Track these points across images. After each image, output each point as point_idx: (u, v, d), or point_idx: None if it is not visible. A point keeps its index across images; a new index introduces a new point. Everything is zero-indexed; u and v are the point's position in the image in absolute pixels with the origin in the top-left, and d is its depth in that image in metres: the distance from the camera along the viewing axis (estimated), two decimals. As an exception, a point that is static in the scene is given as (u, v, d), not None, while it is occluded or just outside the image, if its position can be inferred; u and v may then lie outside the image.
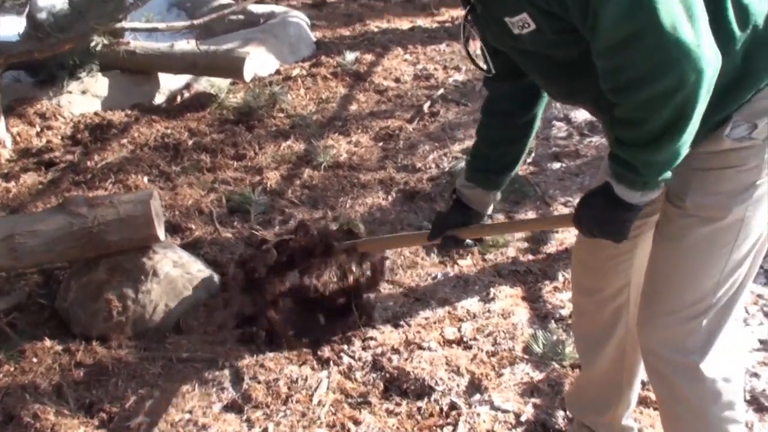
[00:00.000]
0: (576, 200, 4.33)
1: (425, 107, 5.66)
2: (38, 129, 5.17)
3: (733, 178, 1.88)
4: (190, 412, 2.86)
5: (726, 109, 1.82)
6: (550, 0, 1.68)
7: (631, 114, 1.71)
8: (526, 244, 3.98)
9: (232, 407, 2.90)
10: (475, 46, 2.11)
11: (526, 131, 2.32)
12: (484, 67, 2.15)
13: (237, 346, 3.23)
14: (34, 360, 3.11)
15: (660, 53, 1.58)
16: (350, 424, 2.78)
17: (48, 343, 3.20)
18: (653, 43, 1.57)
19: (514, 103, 2.25)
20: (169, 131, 5.18)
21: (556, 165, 4.86)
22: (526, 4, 1.73)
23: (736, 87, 1.80)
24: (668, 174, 1.80)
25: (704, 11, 1.62)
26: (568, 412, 2.79)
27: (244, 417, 2.84)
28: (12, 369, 3.06)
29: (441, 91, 5.97)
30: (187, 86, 6.14)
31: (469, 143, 5.06)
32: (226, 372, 3.07)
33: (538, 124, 2.34)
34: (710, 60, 1.60)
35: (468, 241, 2.53)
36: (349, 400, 2.92)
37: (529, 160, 4.86)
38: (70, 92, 5.54)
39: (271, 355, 3.14)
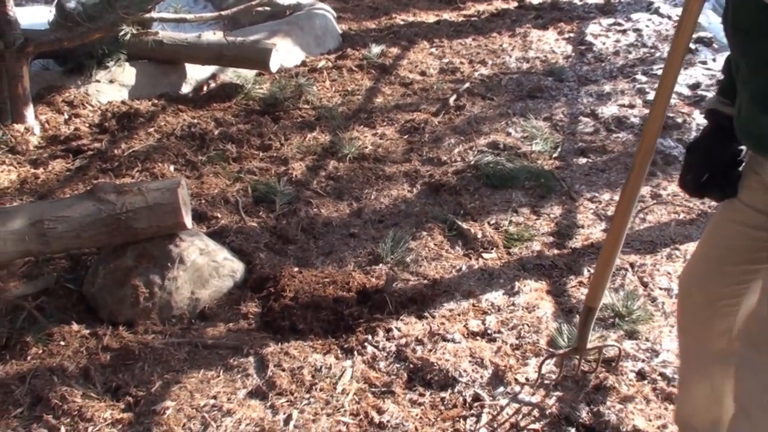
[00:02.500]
0: (603, 196, 4.35)
1: (451, 101, 5.66)
2: (66, 117, 5.23)
3: None
4: (215, 397, 2.89)
5: None
6: None
7: None
8: (551, 239, 3.98)
9: (256, 394, 2.92)
10: None
11: None
12: None
13: (261, 333, 3.26)
14: (62, 343, 3.16)
15: None
16: (374, 413, 2.80)
17: (75, 327, 3.25)
18: None
19: None
20: (195, 121, 5.21)
21: (582, 160, 4.85)
22: None
23: None
24: None
25: None
26: (590, 407, 2.79)
27: (269, 403, 2.86)
28: (40, 351, 3.11)
29: (467, 84, 5.97)
30: (214, 77, 6.18)
31: (494, 137, 5.06)
32: (251, 359, 3.09)
33: None
34: None
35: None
36: (373, 390, 2.94)
37: (555, 155, 4.86)
38: (98, 81, 5.59)
39: (295, 343, 3.17)
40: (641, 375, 3.00)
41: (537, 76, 6.20)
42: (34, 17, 6.13)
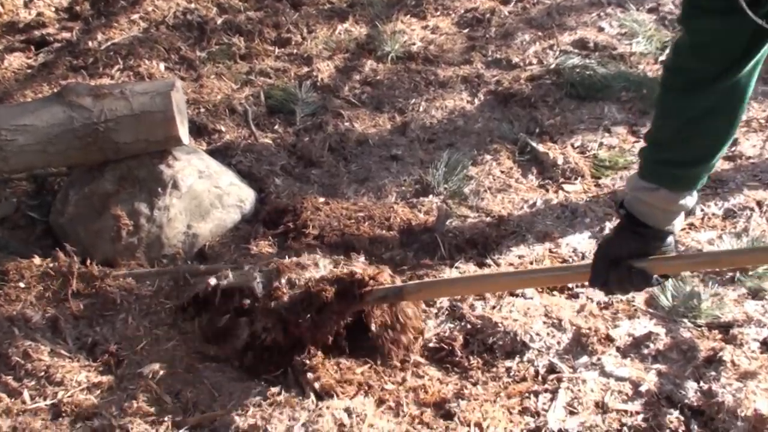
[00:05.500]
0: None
1: (526, -16, 5.57)
2: (27, -2, 5.24)
3: None
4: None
5: None
6: None
7: None
8: (654, 167, 3.93)
9: (269, 353, 2.95)
10: None
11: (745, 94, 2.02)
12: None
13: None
14: (22, 285, 3.18)
15: None
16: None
17: (38, 262, 3.27)
18: None
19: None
20: (192, 6, 5.18)
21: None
22: None
23: None
24: None
25: None
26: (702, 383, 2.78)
27: (286, 366, 2.89)
28: (-4, 296, 3.16)
29: (547, -37, 5.86)
30: (216, -53, 6.13)
31: (582, 33, 4.98)
32: (263, 310, 3.12)
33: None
34: None
35: (656, 277, 2.28)
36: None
37: (662, 58, 4.77)
38: (67, -50, 5.57)
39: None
40: (767, 345, 2.98)
41: (641, -47, 6.07)
42: None
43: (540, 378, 2.85)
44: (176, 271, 3.24)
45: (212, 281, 3.01)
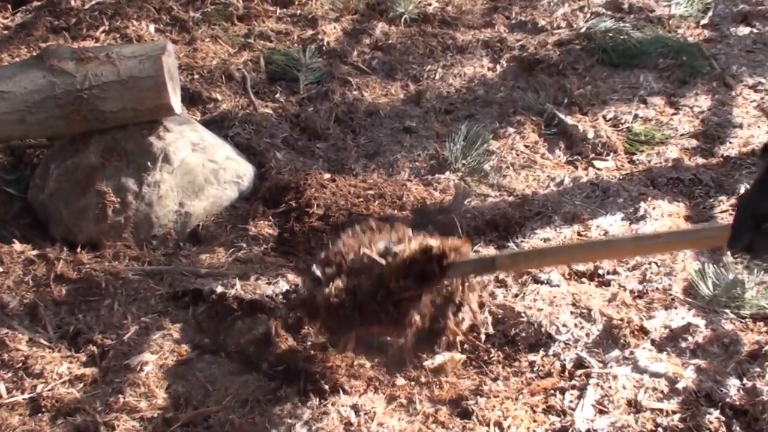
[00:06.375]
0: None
1: (554, -61, 5.54)
2: (4, -48, 5.23)
3: None
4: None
5: None
6: None
7: None
8: (693, 142, 3.91)
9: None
10: None
11: None
12: None
13: (275, 260, 3.28)
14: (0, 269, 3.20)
15: None
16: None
17: (18, 246, 3.28)
18: None
19: None
20: (185, -40, 5.19)
21: (744, 30, 4.74)
22: None
23: None
24: None
25: None
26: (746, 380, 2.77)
27: (284, 357, 2.89)
28: (-30, 280, 3.16)
29: None
30: None
31: (617, -7, 4.96)
32: (263, 297, 3.12)
33: None
34: None
35: None
36: (435, 347, 2.96)
37: (704, 22, 4.74)
38: None
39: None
40: (818, 340, 2.97)
41: None
42: None
43: (566, 373, 2.84)
44: (171, 272, 3.23)
45: (218, 289, 3.03)
